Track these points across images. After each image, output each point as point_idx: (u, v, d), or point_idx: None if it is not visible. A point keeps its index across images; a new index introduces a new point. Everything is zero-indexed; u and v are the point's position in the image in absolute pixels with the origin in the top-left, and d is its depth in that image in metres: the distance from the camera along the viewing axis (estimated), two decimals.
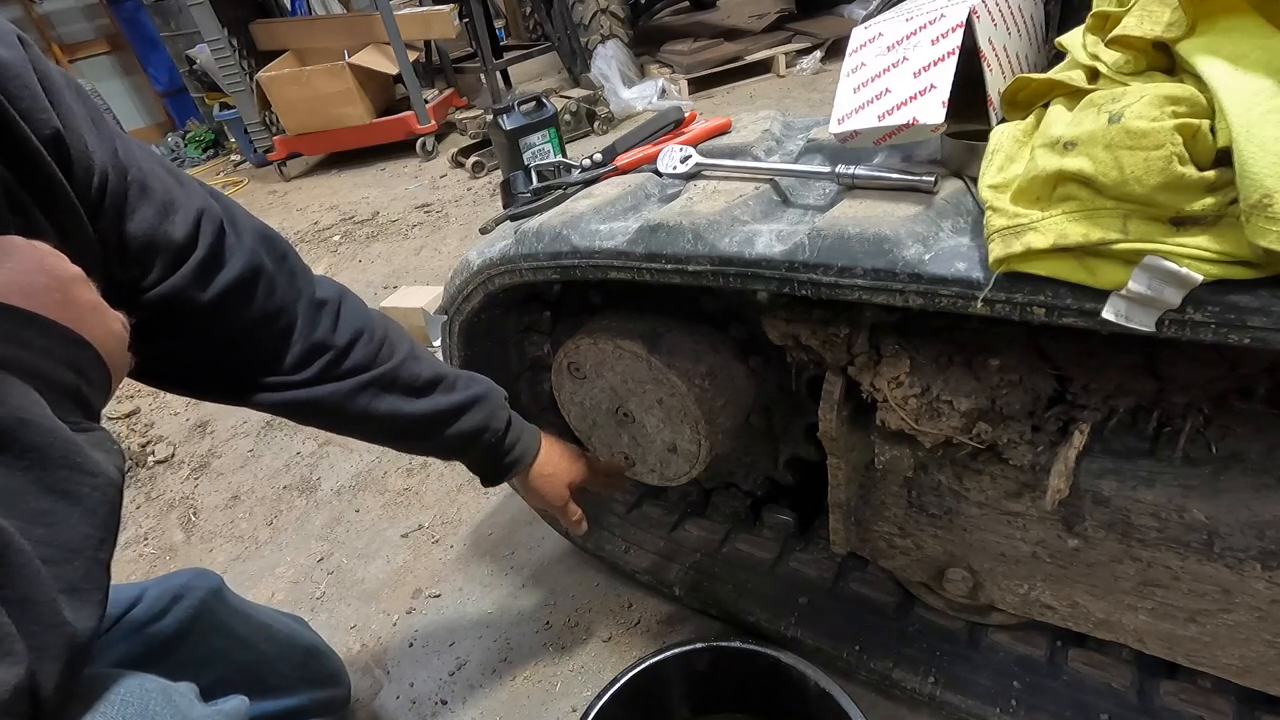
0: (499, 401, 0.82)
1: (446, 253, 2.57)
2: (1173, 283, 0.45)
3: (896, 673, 0.89)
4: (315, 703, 0.85)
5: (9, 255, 0.43)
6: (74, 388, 0.42)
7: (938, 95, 0.58)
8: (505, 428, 0.82)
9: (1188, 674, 0.77)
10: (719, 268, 0.67)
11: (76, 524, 0.38)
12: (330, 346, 0.69)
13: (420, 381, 0.75)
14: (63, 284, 0.44)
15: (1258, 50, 0.45)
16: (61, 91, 0.53)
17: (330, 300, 0.71)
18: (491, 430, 0.80)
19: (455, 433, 0.78)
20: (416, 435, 0.77)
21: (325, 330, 0.69)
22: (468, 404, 0.78)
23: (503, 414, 0.82)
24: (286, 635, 0.86)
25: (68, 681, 0.37)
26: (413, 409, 0.74)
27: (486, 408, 0.80)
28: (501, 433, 0.82)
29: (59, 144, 0.51)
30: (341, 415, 0.72)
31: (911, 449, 0.74)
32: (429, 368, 0.76)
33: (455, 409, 0.77)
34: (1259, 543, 0.59)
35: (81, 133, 0.53)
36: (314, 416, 0.72)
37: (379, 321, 0.75)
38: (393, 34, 3.41)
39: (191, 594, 0.77)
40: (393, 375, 0.72)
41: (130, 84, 5.48)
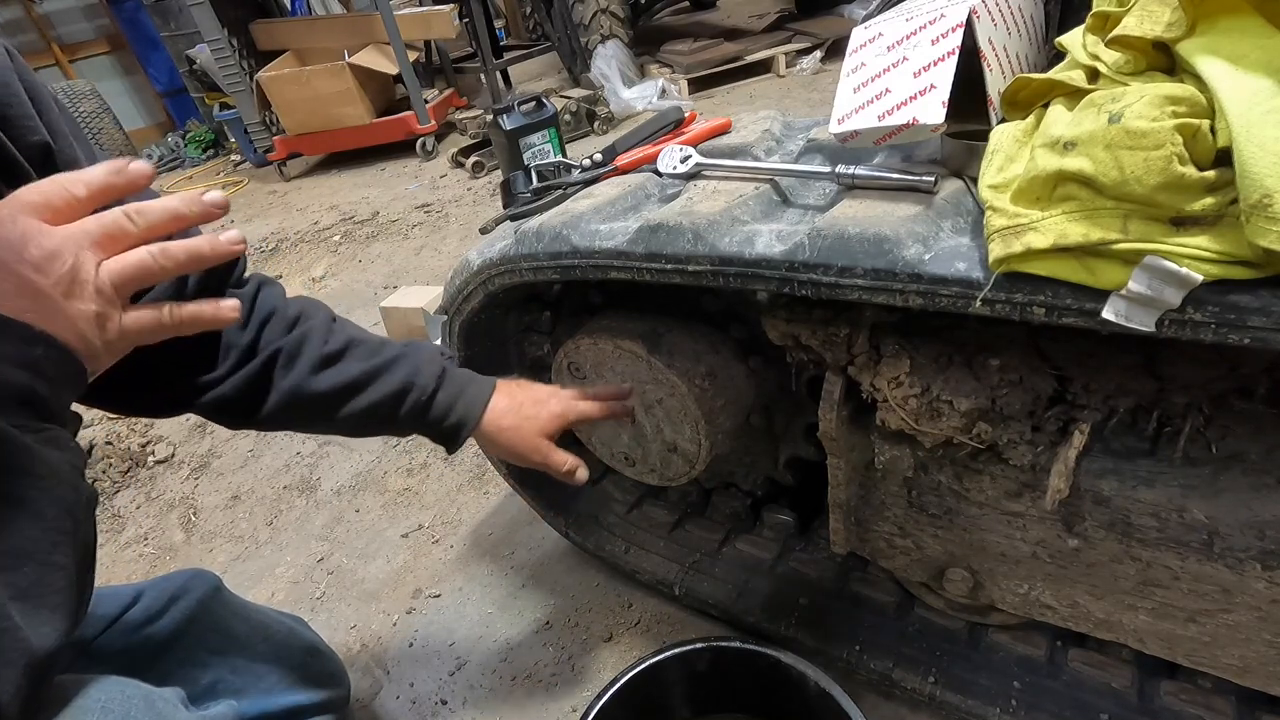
0: (426, 358, 0.75)
1: (446, 253, 2.57)
2: (1173, 283, 0.45)
3: (896, 673, 0.89)
4: (314, 703, 0.84)
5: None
6: (26, 389, 0.40)
7: (938, 95, 0.58)
8: (436, 385, 0.74)
9: (1188, 674, 0.77)
10: (719, 268, 0.67)
11: (24, 528, 0.37)
12: (240, 341, 0.68)
13: (329, 350, 0.70)
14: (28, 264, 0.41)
15: (1258, 50, 0.45)
16: (48, 104, 0.53)
17: (245, 295, 0.69)
18: (419, 388, 0.73)
19: (371, 401, 0.71)
20: (322, 413, 0.71)
21: (243, 321, 0.68)
22: (382, 366, 0.72)
23: (431, 369, 0.75)
24: (285, 635, 0.86)
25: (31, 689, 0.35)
26: (317, 381, 0.69)
27: (407, 366, 0.73)
28: (430, 390, 0.74)
29: (46, 154, 0.52)
30: (254, 405, 0.69)
31: (911, 449, 0.74)
32: (341, 337, 0.72)
33: (367, 373, 0.71)
34: (1259, 543, 0.59)
35: (70, 141, 0.54)
36: (235, 416, 0.70)
37: (296, 304, 0.72)
38: (393, 34, 3.41)
39: (189, 595, 0.77)
40: (296, 347, 0.69)
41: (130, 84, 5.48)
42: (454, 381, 0.77)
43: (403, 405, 0.73)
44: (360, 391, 0.71)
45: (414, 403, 0.73)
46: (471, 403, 0.77)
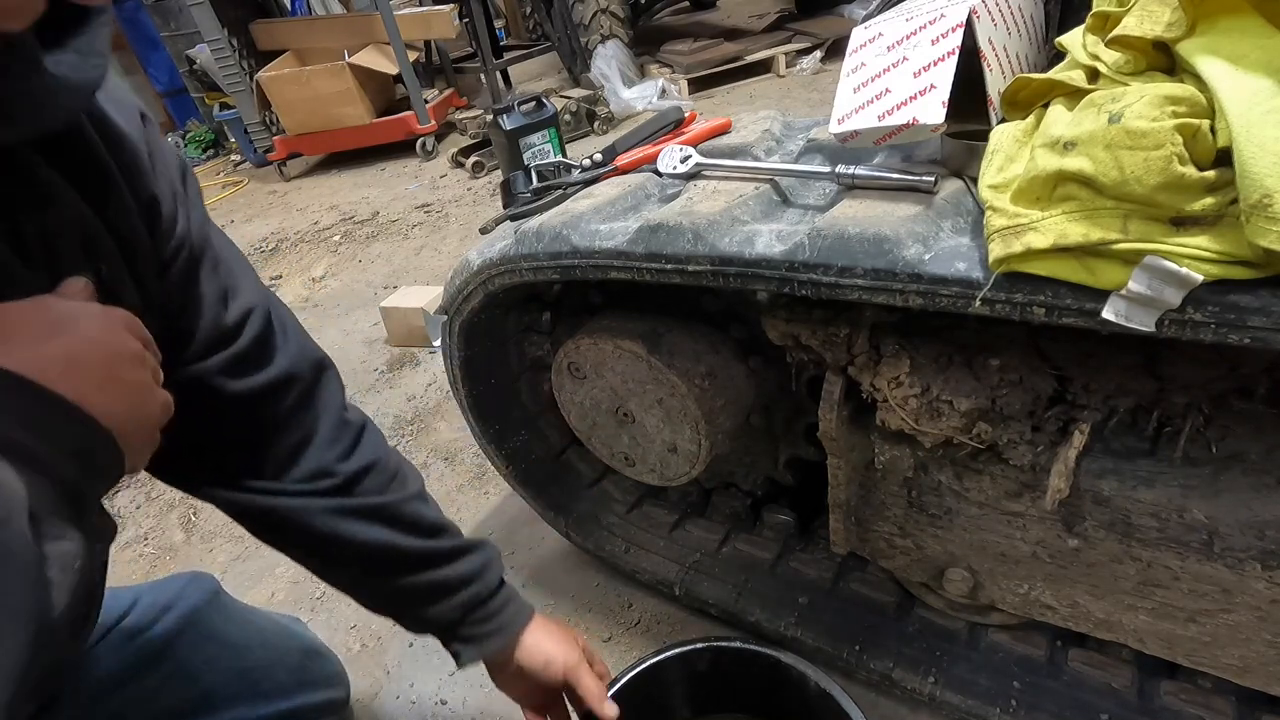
0: (495, 557, 0.77)
1: (446, 253, 2.57)
2: (1173, 283, 0.45)
3: (896, 673, 0.89)
4: (313, 705, 0.84)
5: (75, 325, 0.42)
6: (72, 482, 0.39)
7: (938, 95, 0.58)
8: (497, 586, 0.76)
9: (1188, 674, 0.77)
10: (719, 268, 0.67)
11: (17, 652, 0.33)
12: (339, 473, 0.67)
13: (424, 524, 0.71)
14: (115, 361, 0.43)
15: (1258, 50, 0.45)
16: (169, 166, 0.57)
17: (353, 424, 0.70)
18: (483, 582, 0.74)
19: (444, 576, 0.72)
20: (402, 570, 0.71)
21: (340, 453, 0.68)
22: (465, 548, 0.73)
23: (497, 570, 0.76)
24: (283, 639, 0.86)
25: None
26: (408, 544, 0.70)
27: (483, 556, 0.75)
28: (493, 589, 0.75)
29: (152, 207, 0.55)
30: (334, 537, 0.68)
31: (911, 449, 0.74)
32: (435, 513, 0.73)
33: (451, 551, 0.72)
34: (1259, 543, 0.59)
35: (174, 202, 0.57)
36: (301, 533, 0.68)
37: (394, 457, 0.73)
38: (393, 34, 3.41)
39: (185, 600, 0.77)
40: (396, 510, 0.69)
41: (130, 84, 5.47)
42: (508, 591, 0.77)
43: (464, 590, 0.73)
44: (440, 565, 0.72)
45: (474, 595, 0.73)
46: (515, 615, 0.77)
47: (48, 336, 0.41)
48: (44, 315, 0.42)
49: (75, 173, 0.49)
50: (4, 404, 0.37)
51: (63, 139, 0.48)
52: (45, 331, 0.41)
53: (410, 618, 0.75)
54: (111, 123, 0.52)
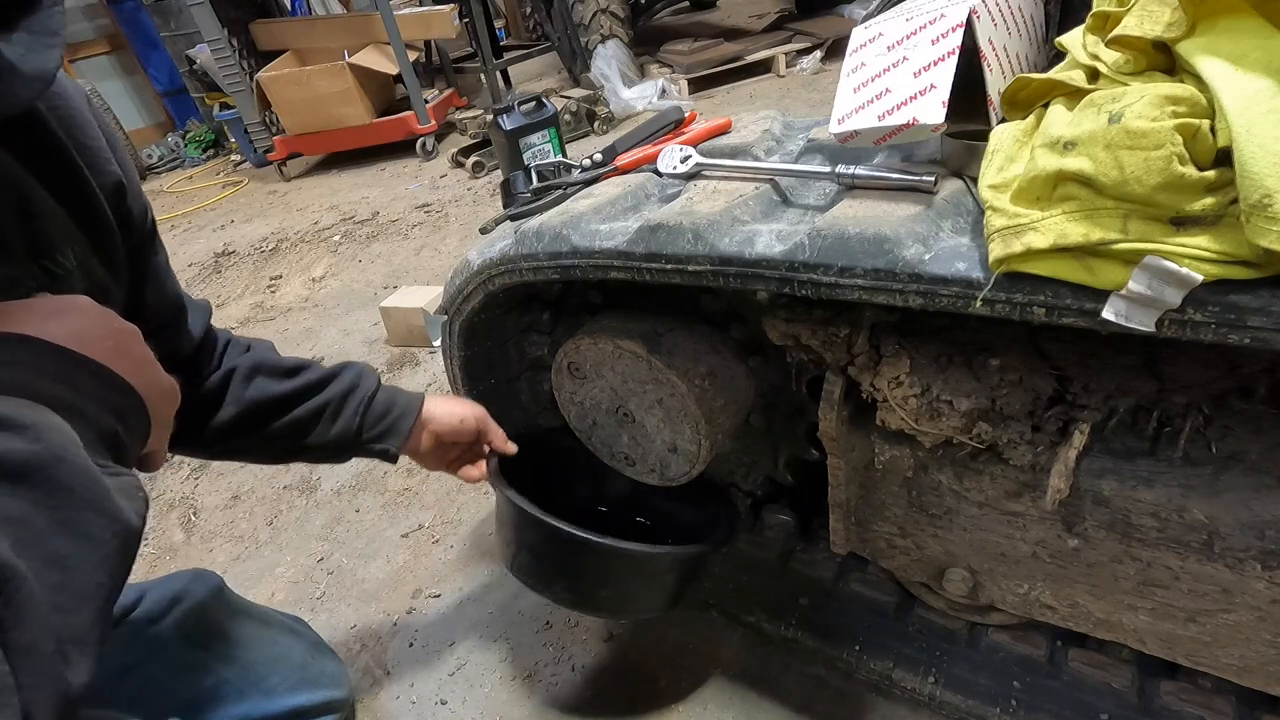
0: (363, 369, 0.85)
1: (446, 253, 2.57)
2: (1173, 283, 0.45)
3: (896, 673, 0.89)
4: (315, 705, 0.85)
5: (73, 310, 0.45)
6: (112, 432, 0.43)
7: (938, 95, 0.58)
8: (376, 386, 0.84)
9: (1188, 674, 0.77)
10: (719, 268, 0.67)
11: (92, 571, 0.38)
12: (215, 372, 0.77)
13: (284, 367, 0.80)
14: (118, 335, 0.46)
15: (1258, 50, 0.45)
16: (119, 144, 0.60)
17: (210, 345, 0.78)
18: (362, 388, 0.83)
19: (324, 399, 0.80)
20: (289, 415, 0.79)
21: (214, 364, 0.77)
22: (332, 372, 0.82)
23: (370, 376, 0.85)
24: (286, 637, 0.86)
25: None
26: (281, 388, 0.78)
27: (352, 372, 0.83)
28: (373, 390, 0.84)
29: (119, 190, 0.58)
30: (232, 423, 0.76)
31: (911, 449, 0.74)
32: (290, 359, 0.81)
33: (320, 379, 0.80)
34: (1259, 543, 0.59)
35: (135, 183, 0.62)
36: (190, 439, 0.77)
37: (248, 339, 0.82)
38: (393, 34, 3.41)
39: (191, 596, 0.77)
40: (255, 363, 0.78)
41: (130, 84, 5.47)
42: (389, 390, 0.86)
43: (351, 402, 0.81)
44: (316, 392, 0.79)
45: (361, 400, 0.82)
46: (408, 403, 0.86)
47: (55, 317, 0.44)
48: (45, 304, 0.45)
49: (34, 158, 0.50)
50: (39, 366, 0.41)
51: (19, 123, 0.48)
52: (52, 314, 0.44)
53: (318, 450, 0.82)
54: (71, 105, 0.53)
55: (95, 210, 0.54)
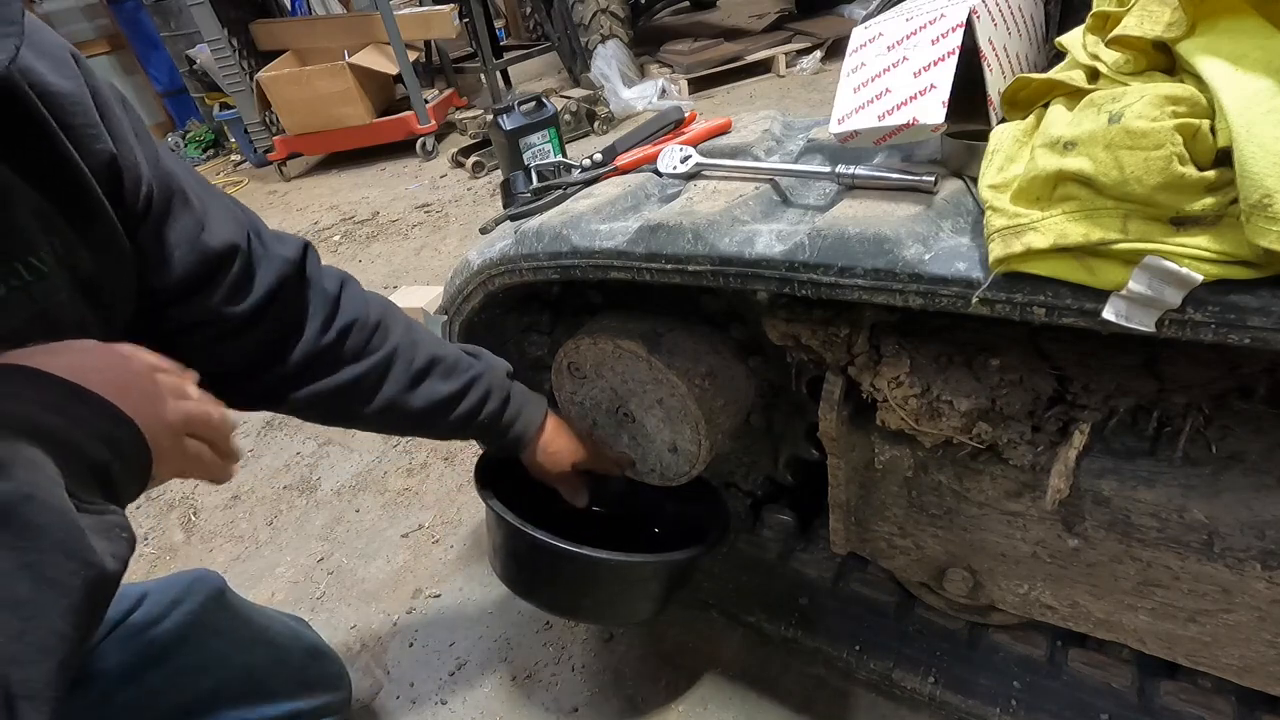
0: (498, 377, 0.83)
1: (446, 253, 2.57)
2: (1173, 283, 0.45)
3: (896, 673, 0.89)
4: (315, 707, 0.84)
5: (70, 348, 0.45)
6: (103, 464, 0.41)
7: (938, 95, 0.58)
8: (504, 403, 0.83)
9: (1188, 674, 0.77)
10: (719, 268, 0.67)
11: (55, 621, 0.35)
12: (322, 345, 0.70)
13: (414, 369, 0.75)
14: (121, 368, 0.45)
15: (1258, 50, 0.45)
16: (112, 108, 0.54)
17: (330, 294, 0.72)
18: (489, 409, 0.81)
19: (454, 417, 0.79)
20: (414, 424, 0.79)
21: (320, 326, 0.71)
22: (466, 387, 0.79)
23: (500, 389, 0.83)
24: (287, 639, 0.86)
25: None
26: (408, 399, 0.75)
27: (483, 385, 0.81)
28: (499, 409, 0.83)
29: (112, 166, 0.53)
30: (342, 412, 0.74)
31: (911, 449, 0.74)
32: (424, 352, 0.77)
33: (452, 396, 0.78)
34: (1259, 543, 0.59)
35: (132, 148, 0.55)
36: (330, 415, 0.75)
37: (375, 307, 0.75)
38: (393, 34, 3.41)
39: (192, 598, 0.77)
40: (385, 365, 0.74)
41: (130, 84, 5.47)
42: (517, 401, 0.86)
43: (477, 419, 0.81)
44: (448, 411, 0.78)
45: (488, 418, 0.82)
46: (529, 422, 0.87)
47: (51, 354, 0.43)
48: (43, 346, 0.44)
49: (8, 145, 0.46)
50: (31, 394, 0.39)
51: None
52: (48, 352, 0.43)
53: (438, 438, 0.84)
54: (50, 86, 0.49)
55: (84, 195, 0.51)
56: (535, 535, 0.81)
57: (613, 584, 0.88)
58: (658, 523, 1.03)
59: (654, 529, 1.03)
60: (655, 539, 1.02)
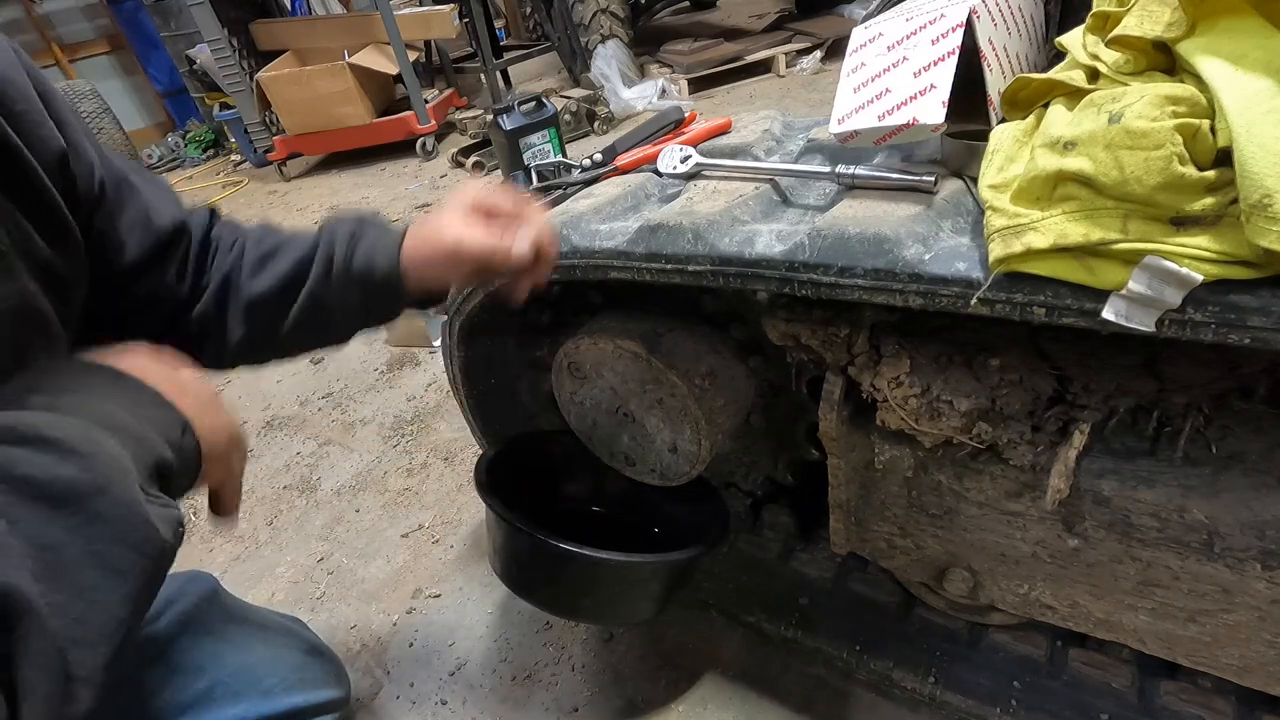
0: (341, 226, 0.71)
1: None
2: (1173, 283, 0.45)
3: (896, 673, 0.89)
4: (313, 705, 0.84)
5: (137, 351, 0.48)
6: (166, 462, 0.44)
7: (938, 95, 0.58)
8: (350, 243, 0.69)
9: (1188, 674, 0.77)
10: (719, 268, 0.67)
11: (115, 607, 0.37)
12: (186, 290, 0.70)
13: (262, 251, 0.70)
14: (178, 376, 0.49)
15: (1258, 50, 0.45)
16: (57, 99, 0.55)
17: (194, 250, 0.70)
18: (338, 254, 0.69)
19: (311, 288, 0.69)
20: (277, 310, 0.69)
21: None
22: (309, 246, 0.69)
23: (344, 230, 0.70)
24: (284, 638, 0.86)
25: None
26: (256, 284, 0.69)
27: (325, 237, 0.70)
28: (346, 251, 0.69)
29: (62, 158, 0.54)
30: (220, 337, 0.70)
31: (911, 449, 0.74)
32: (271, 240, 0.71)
33: (298, 261, 0.69)
34: (1259, 543, 0.59)
35: (81, 137, 0.57)
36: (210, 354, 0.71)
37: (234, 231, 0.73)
38: (393, 34, 3.41)
39: (185, 598, 0.77)
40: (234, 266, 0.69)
41: (130, 84, 5.48)
42: (368, 234, 0.70)
43: (331, 274, 0.69)
44: (301, 283, 0.68)
45: (339, 265, 0.68)
46: (379, 239, 0.70)
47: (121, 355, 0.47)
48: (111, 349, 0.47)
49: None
50: (115, 393, 0.43)
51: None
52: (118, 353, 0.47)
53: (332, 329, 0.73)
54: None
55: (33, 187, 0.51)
56: (535, 535, 0.81)
57: (613, 584, 0.88)
58: (658, 523, 1.03)
59: (654, 529, 1.03)
60: (655, 539, 1.02)
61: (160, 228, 0.64)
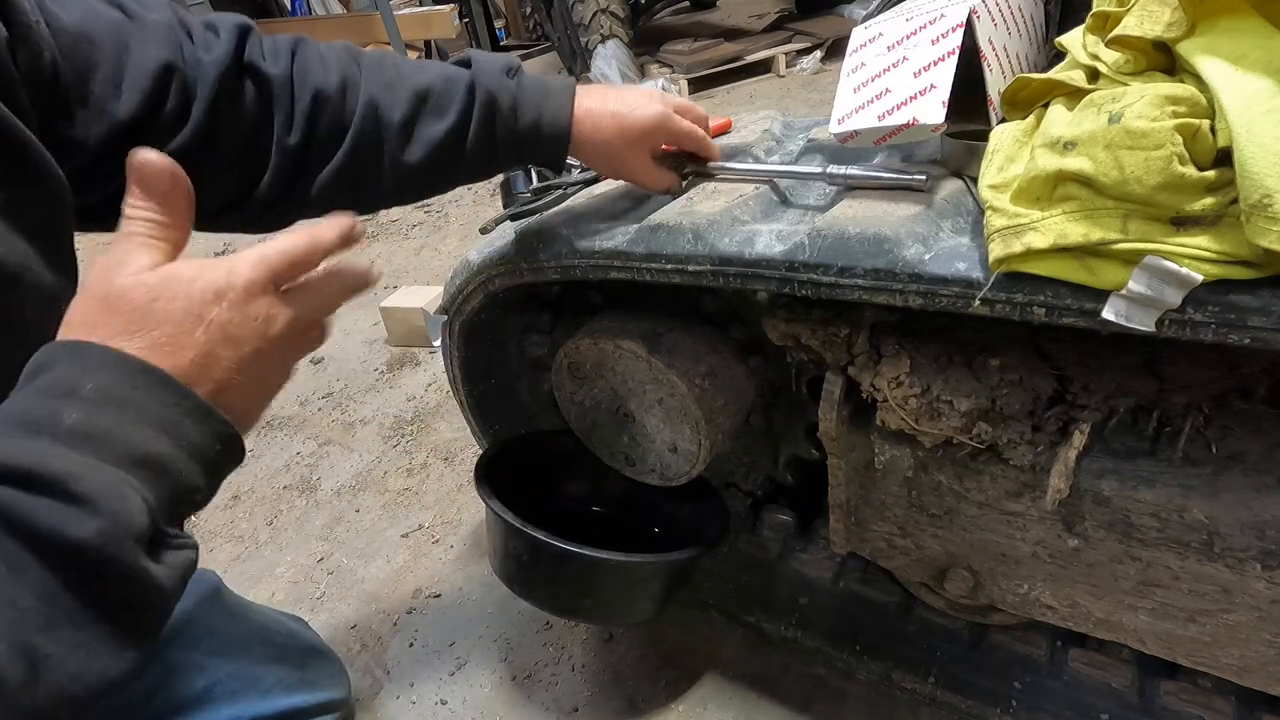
0: (494, 79, 0.67)
1: (446, 253, 2.57)
2: (1173, 283, 0.45)
3: (896, 673, 0.89)
4: (314, 705, 0.84)
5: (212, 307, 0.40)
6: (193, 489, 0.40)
7: (938, 95, 0.58)
8: (513, 108, 0.67)
9: (1188, 674, 0.77)
10: (719, 268, 0.67)
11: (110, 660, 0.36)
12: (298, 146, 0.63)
13: (400, 119, 0.64)
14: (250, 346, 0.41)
15: (1258, 50, 0.45)
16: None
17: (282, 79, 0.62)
18: (502, 123, 0.67)
19: (470, 151, 0.67)
20: (431, 179, 0.68)
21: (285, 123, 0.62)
22: (465, 112, 0.66)
23: (505, 92, 0.67)
24: (284, 637, 0.86)
25: None
26: (408, 158, 0.65)
27: (482, 97, 0.66)
28: (510, 116, 0.67)
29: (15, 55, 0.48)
30: (354, 200, 0.64)
31: (911, 449, 0.74)
32: (405, 93, 0.65)
33: (453, 130, 0.65)
34: (1259, 543, 0.59)
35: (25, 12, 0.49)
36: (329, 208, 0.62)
37: (334, 65, 0.64)
38: (393, 34, 3.41)
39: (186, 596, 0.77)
40: (370, 133, 0.64)
41: None
42: (529, 93, 0.68)
43: (495, 139, 0.67)
44: (460, 143, 0.66)
45: (503, 130, 0.67)
46: (557, 107, 0.68)
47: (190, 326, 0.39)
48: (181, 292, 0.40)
49: None
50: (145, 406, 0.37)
51: None
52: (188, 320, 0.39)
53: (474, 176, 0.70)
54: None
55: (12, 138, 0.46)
56: (536, 535, 0.81)
57: (613, 584, 0.88)
58: (658, 523, 1.03)
59: (654, 529, 1.03)
60: (655, 539, 1.02)
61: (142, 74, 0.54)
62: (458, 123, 0.65)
